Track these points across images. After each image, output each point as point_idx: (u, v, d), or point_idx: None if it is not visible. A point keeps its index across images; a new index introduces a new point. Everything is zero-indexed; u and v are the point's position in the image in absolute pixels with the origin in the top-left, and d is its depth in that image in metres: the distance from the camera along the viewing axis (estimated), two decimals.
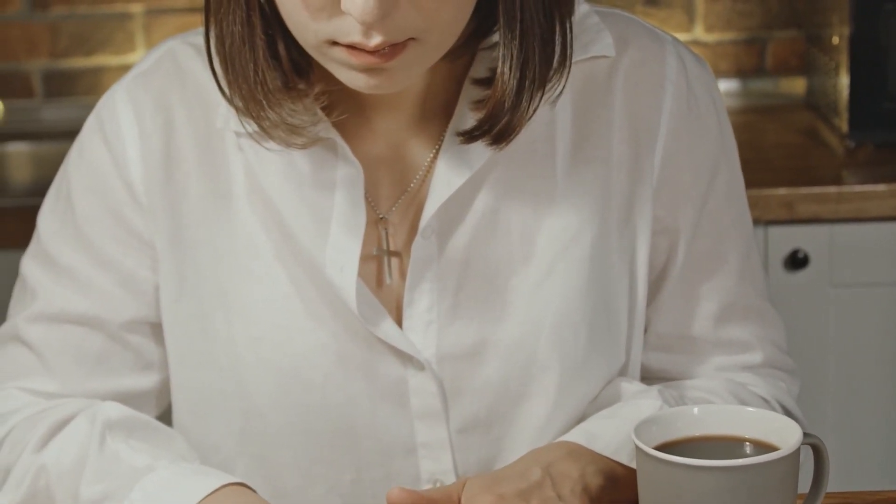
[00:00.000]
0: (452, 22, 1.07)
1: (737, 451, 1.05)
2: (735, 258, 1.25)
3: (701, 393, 1.22)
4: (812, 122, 2.55)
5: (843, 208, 2.17)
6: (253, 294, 1.19)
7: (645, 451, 1.02)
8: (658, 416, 1.06)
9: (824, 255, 2.19)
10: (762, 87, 2.74)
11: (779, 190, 2.17)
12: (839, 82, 2.37)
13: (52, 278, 1.23)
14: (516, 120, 1.12)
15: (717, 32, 2.73)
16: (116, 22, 2.75)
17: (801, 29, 2.71)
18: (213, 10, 1.11)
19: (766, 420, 1.05)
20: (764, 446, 1.04)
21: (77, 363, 1.22)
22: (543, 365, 1.19)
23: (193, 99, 1.21)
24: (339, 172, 1.17)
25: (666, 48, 1.23)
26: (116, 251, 1.22)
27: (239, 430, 1.21)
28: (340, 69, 1.08)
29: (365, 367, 1.18)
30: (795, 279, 2.20)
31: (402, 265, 1.20)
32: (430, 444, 1.20)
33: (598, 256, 1.20)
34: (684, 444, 1.05)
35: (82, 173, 1.23)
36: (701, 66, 1.25)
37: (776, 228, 2.19)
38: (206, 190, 1.21)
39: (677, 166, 1.22)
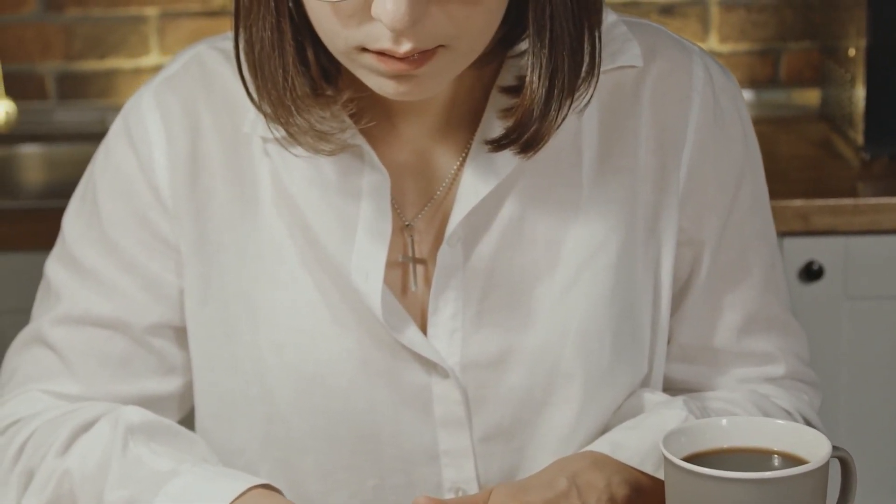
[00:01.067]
0: (482, 29, 1.07)
1: (765, 463, 1.04)
2: (759, 269, 1.25)
3: (723, 404, 1.22)
4: (826, 134, 2.55)
5: (858, 220, 2.17)
6: (278, 299, 1.19)
7: (673, 461, 1.01)
8: (686, 427, 1.06)
9: (839, 267, 2.19)
10: (776, 99, 2.74)
11: (794, 201, 2.16)
12: (855, 94, 2.37)
13: (76, 281, 1.23)
14: (545, 128, 1.12)
15: (731, 43, 2.72)
16: (130, 25, 2.75)
17: (815, 40, 2.71)
18: (242, 15, 1.11)
19: (795, 433, 1.05)
20: (792, 459, 1.04)
21: (101, 366, 1.22)
22: (568, 373, 1.19)
23: (220, 104, 1.21)
24: (366, 179, 1.17)
25: (693, 59, 1.23)
26: (141, 255, 1.22)
27: (262, 435, 1.21)
28: (369, 76, 1.08)
29: (389, 374, 1.18)
30: (810, 291, 2.19)
31: (428, 273, 1.19)
32: (452, 452, 1.20)
33: (623, 266, 1.20)
34: (712, 456, 1.04)
35: (108, 176, 1.23)
36: (727, 78, 1.25)
37: (791, 240, 2.18)
38: (233, 194, 1.21)
39: (703, 177, 1.22)
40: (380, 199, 1.17)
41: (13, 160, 2.67)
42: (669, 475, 1.03)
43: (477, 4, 1.04)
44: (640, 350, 1.22)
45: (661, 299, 1.23)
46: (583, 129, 1.19)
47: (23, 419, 1.21)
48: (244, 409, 1.21)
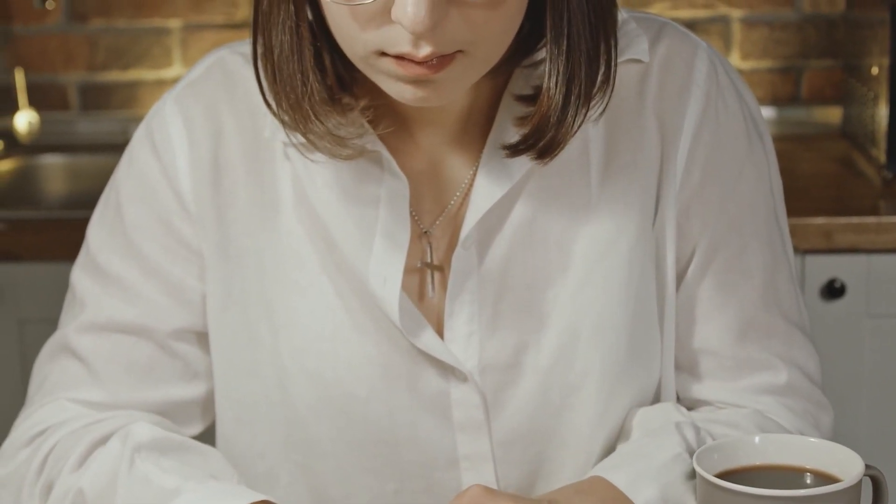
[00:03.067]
0: (500, 35, 1.07)
1: (797, 481, 1.04)
2: (760, 274, 1.23)
3: (724, 428, 1.20)
4: (847, 152, 2.55)
5: (880, 239, 2.16)
6: (298, 305, 1.20)
7: (707, 478, 1.01)
8: (719, 444, 1.06)
9: (861, 285, 2.19)
10: (797, 116, 2.74)
11: (816, 219, 2.16)
12: (877, 112, 2.37)
13: (100, 288, 1.23)
14: (561, 135, 1.12)
15: (753, 60, 2.73)
16: (154, 36, 2.76)
17: (837, 58, 2.71)
18: (262, 20, 1.12)
19: (828, 450, 1.05)
20: (824, 477, 1.04)
21: (126, 372, 1.23)
22: (584, 373, 1.19)
23: (243, 108, 1.22)
24: (385, 186, 1.18)
25: (698, 52, 1.22)
26: (165, 260, 1.22)
27: (283, 439, 1.21)
28: (387, 81, 1.08)
29: (408, 379, 1.19)
30: (832, 309, 2.19)
31: (444, 278, 1.20)
32: (472, 457, 1.20)
33: (634, 263, 1.20)
34: (745, 473, 1.04)
35: (132, 182, 1.24)
36: (736, 76, 1.24)
37: (813, 258, 2.18)
38: (254, 199, 1.21)
39: (697, 171, 1.21)
40: (398, 205, 1.18)
41: (36, 170, 2.69)
42: (703, 492, 1.03)
43: (496, 9, 1.04)
44: (653, 348, 1.22)
45: (666, 293, 1.22)
46: (589, 127, 1.19)
47: (49, 428, 1.21)
48: (265, 414, 1.21)
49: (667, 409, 1.19)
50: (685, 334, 1.24)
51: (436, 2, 1.00)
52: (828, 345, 2.20)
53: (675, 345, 1.24)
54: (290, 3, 1.09)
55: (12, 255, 2.25)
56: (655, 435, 1.15)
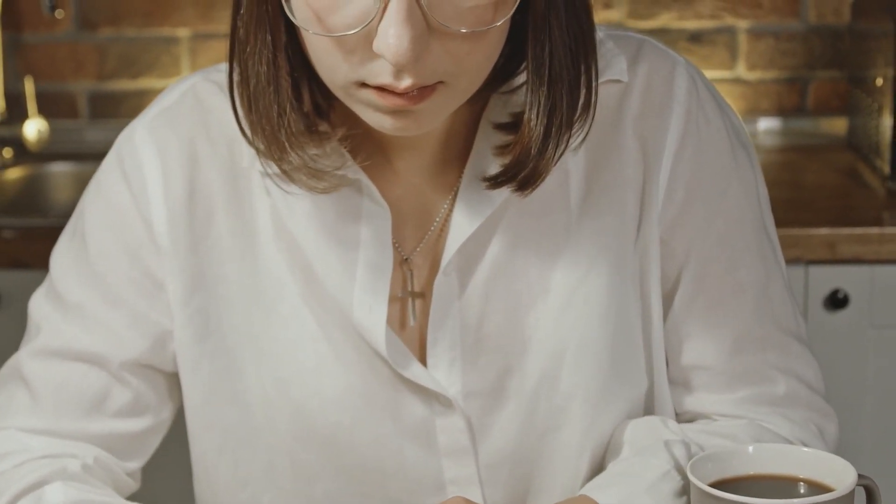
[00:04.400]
0: (481, 66, 1.07)
1: (791, 490, 1.05)
2: (752, 288, 1.23)
3: (720, 440, 1.20)
4: (853, 163, 2.56)
5: (884, 249, 2.17)
6: (280, 336, 1.19)
7: (701, 488, 1.02)
8: (713, 453, 1.07)
9: (865, 295, 2.19)
10: (803, 127, 2.74)
11: (820, 230, 2.17)
12: (882, 124, 2.37)
13: (60, 315, 1.22)
14: (542, 167, 1.12)
15: (759, 71, 2.74)
16: (163, 45, 2.77)
17: (843, 70, 2.72)
18: (238, 49, 1.10)
19: (821, 460, 1.06)
20: (818, 487, 1.04)
21: (74, 402, 1.22)
22: (568, 395, 1.19)
23: (218, 136, 1.21)
24: (366, 214, 1.17)
25: (677, 69, 1.22)
26: (128, 291, 1.21)
27: (266, 466, 1.20)
28: (367, 111, 1.07)
29: (391, 407, 1.19)
30: (835, 319, 2.20)
31: (425, 304, 1.20)
32: (459, 481, 1.20)
33: (615, 284, 1.20)
34: (739, 482, 1.05)
35: (99, 210, 1.22)
36: (715, 90, 1.24)
37: (817, 268, 2.19)
38: (233, 228, 1.20)
39: (682, 186, 1.21)
40: (380, 234, 1.17)
41: (45, 178, 2.70)
42: (697, 501, 1.04)
43: (478, 41, 1.03)
44: (637, 365, 1.22)
45: (652, 311, 1.22)
46: (571, 146, 1.18)
47: None
48: (246, 441, 1.20)
49: (655, 426, 1.19)
50: (679, 352, 1.24)
51: (418, 34, 0.99)
52: (831, 355, 2.20)
53: (669, 361, 1.25)
54: (267, 32, 1.07)
55: (21, 263, 2.26)
56: (644, 453, 1.15)
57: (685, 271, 1.22)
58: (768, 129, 2.74)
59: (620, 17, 2.72)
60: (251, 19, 1.08)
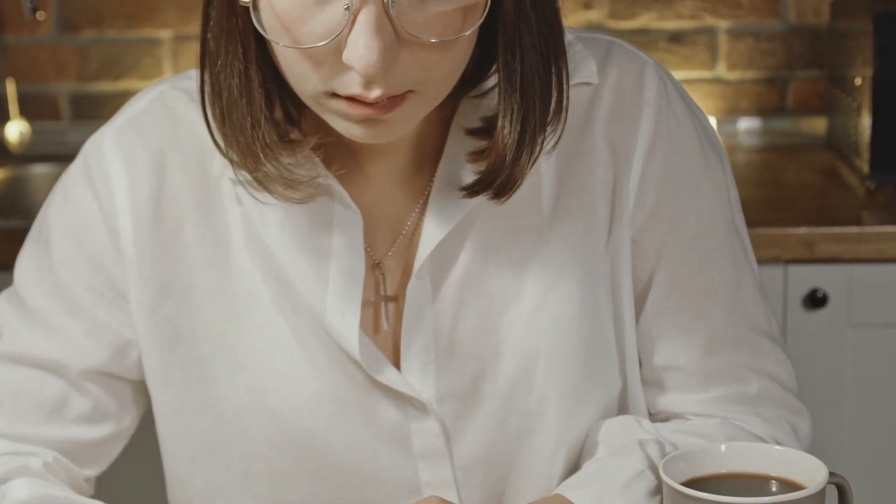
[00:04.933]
0: (450, 74, 1.07)
1: (763, 489, 1.06)
2: (724, 289, 1.23)
3: (693, 439, 1.21)
4: (832, 163, 2.57)
5: (862, 249, 2.18)
6: (254, 343, 1.19)
7: (673, 486, 1.03)
8: (686, 452, 1.07)
9: (843, 294, 2.20)
10: (783, 127, 2.76)
11: (799, 229, 2.18)
12: (861, 123, 2.38)
13: (21, 320, 1.22)
14: (517, 173, 1.12)
15: (739, 71, 2.75)
16: (145, 47, 2.77)
17: (822, 69, 2.73)
18: (209, 61, 1.10)
19: (793, 458, 1.06)
20: (790, 485, 1.05)
21: (33, 407, 1.22)
22: (542, 397, 1.19)
23: (187, 145, 1.20)
24: (337, 219, 1.17)
25: (646, 71, 1.22)
26: (89, 300, 1.21)
27: (241, 473, 1.20)
28: (337, 120, 1.07)
29: (366, 411, 1.19)
30: (814, 318, 2.21)
31: (398, 309, 1.20)
32: (434, 484, 1.20)
33: (587, 285, 1.20)
34: (711, 481, 1.06)
35: (65, 218, 1.22)
36: (684, 91, 1.25)
37: (796, 267, 2.20)
38: (203, 237, 1.20)
39: (653, 188, 1.21)
40: (352, 238, 1.17)
41: (27, 180, 2.70)
42: (669, 500, 1.04)
43: (447, 51, 1.04)
44: (610, 366, 1.22)
45: (624, 312, 1.22)
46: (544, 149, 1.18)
47: None
48: (220, 449, 1.20)
49: (629, 425, 1.20)
50: (652, 352, 1.24)
51: (387, 45, 1.00)
52: (810, 354, 2.21)
53: (642, 362, 1.25)
54: (237, 44, 1.07)
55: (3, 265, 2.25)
56: (618, 453, 1.16)
57: (657, 272, 1.23)
58: (748, 129, 2.75)
59: (601, 18, 2.73)
60: (221, 32, 1.08)
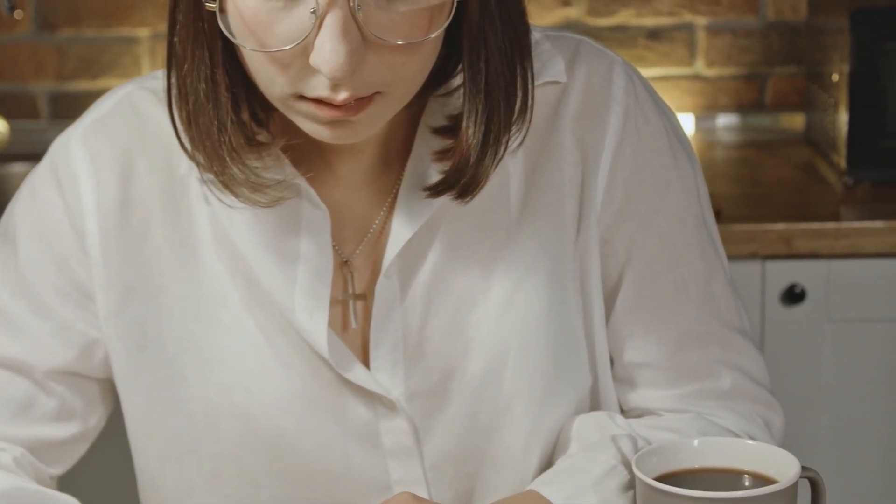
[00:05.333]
0: (417, 75, 1.07)
1: (736, 483, 1.06)
2: (694, 285, 1.23)
3: (666, 434, 1.21)
4: (810, 159, 2.57)
5: (840, 244, 2.18)
6: (223, 343, 1.19)
7: (646, 481, 1.03)
8: (658, 447, 1.07)
9: (821, 290, 2.21)
10: (761, 123, 2.76)
11: (777, 225, 2.18)
12: (838, 119, 2.39)
13: None
14: (481, 173, 1.12)
15: (717, 67, 2.75)
16: (123, 45, 2.77)
17: (800, 66, 2.74)
18: (175, 64, 1.10)
19: (766, 453, 1.07)
20: (763, 479, 1.05)
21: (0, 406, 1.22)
22: (511, 395, 1.19)
23: (154, 145, 1.20)
24: (305, 217, 1.17)
25: (615, 69, 1.22)
26: (55, 300, 1.21)
27: (210, 473, 1.21)
28: (305, 121, 1.08)
29: (335, 410, 1.19)
30: (792, 314, 2.21)
31: (367, 307, 1.20)
32: (404, 482, 1.20)
33: (555, 282, 1.21)
34: (684, 476, 1.06)
35: (32, 218, 1.22)
36: (652, 89, 1.25)
37: (773, 263, 2.20)
38: (170, 237, 1.20)
39: (621, 185, 1.21)
40: (320, 236, 1.17)
41: (5, 179, 2.69)
42: (642, 495, 1.05)
43: (413, 53, 1.04)
44: (580, 363, 1.23)
45: (593, 309, 1.23)
46: (508, 149, 1.19)
47: None
48: (189, 450, 1.21)
49: (602, 421, 1.20)
50: (623, 349, 1.24)
51: (354, 48, 1.00)
52: (788, 350, 2.22)
53: (614, 359, 1.25)
54: (204, 49, 1.07)
55: None
56: (591, 449, 1.16)
57: (627, 269, 1.23)
58: (727, 126, 2.75)
59: (579, 15, 2.73)
60: (187, 36, 1.08)
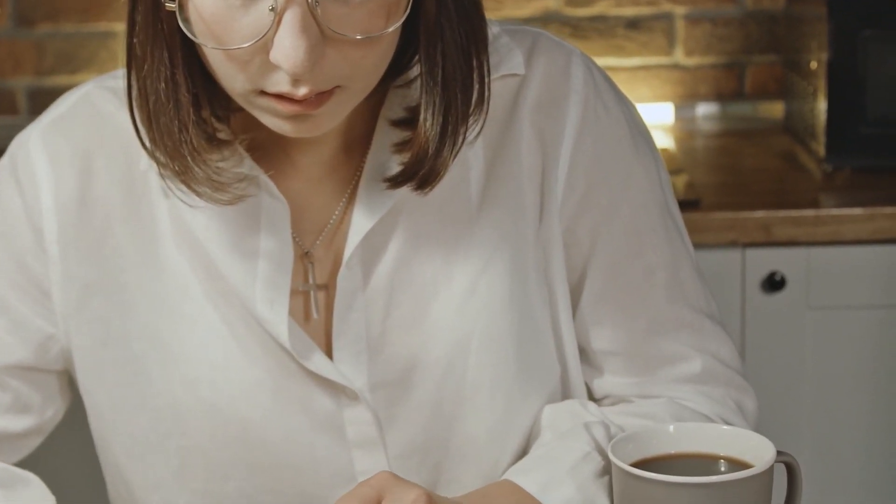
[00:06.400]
0: (376, 67, 1.09)
1: (711, 468, 1.07)
2: (661, 271, 1.24)
3: (639, 420, 1.21)
4: (790, 147, 2.58)
5: (820, 231, 2.19)
6: (187, 336, 1.20)
7: (622, 468, 1.03)
8: (634, 433, 1.08)
9: (801, 277, 2.21)
10: (741, 111, 2.76)
11: (756, 213, 2.19)
12: (817, 107, 2.39)
13: None
14: (439, 164, 1.13)
15: (696, 56, 2.75)
16: (101, 40, 2.76)
17: (779, 54, 2.74)
18: (135, 65, 1.10)
19: (741, 438, 1.07)
20: (738, 464, 1.06)
21: None
22: (475, 384, 1.20)
23: (113, 143, 1.21)
24: (265, 209, 1.18)
25: (573, 60, 1.23)
26: (12, 296, 1.22)
27: (177, 468, 1.21)
28: (267, 116, 1.09)
29: (300, 401, 1.19)
30: (773, 301, 2.22)
31: (329, 298, 1.20)
32: (369, 473, 1.19)
33: (517, 271, 1.21)
34: (660, 462, 1.07)
35: None
36: (611, 80, 1.26)
37: (754, 251, 2.21)
38: (132, 234, 1.20)
39: (582, 175, 1.22)
40: (279, 228, 1.18)
41: None
42: (618, 481, 1.05)
43: (372, 46, 1.05)
44: (546, 352, 1.23)
45: (558, 298, 1.23)
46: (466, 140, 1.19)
47: None
48: (156, 446, 1.21)
49: (575, 409, 1.21)
50: (593, 338, 1.25)
51: (313, 44, 1.01)
52: (769, 337, 2.22)
53: (585, 348, 1.26)
54: (164, 49, 1.08)
55: None
56: (565, 437, 1.16)
57: (593, 259, 1.23)
58: (707, 115, 2.76)
59: (557, 6, 2.73)
60: (147, 37, 1.08)
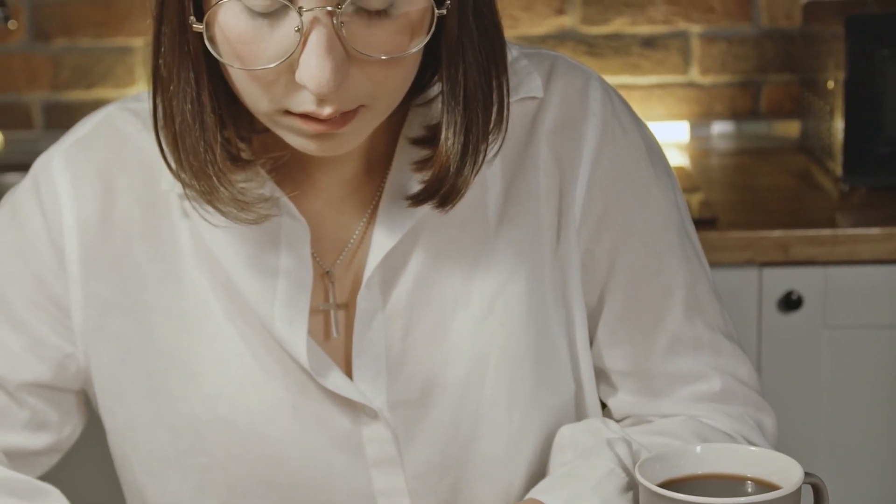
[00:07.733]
0: (400, 87, 1.09)
1: (739, 489, 1.06)
2: (680, 290, 1.25)
3: (660, 438, 1.21)
4: (806, 166, 2.58)
5: (837, 251, 2.19)
6: (206, 354, 1.20)
7: (649, 488, 1.03)
8: (661, 454, 1.07)
9: (818, 296, 2.21)
10: (756, 130, 2.76)
11: (773, 232, 2.19)
12: (833, 126, 2.39)
13: None
14: (461, 182, 1.14)
15: (712, 75, 2.75)
16: (117, 55, 2.77)
17: (795, 73, 2.74)
18: (161, 87, 1.11)
19: (768, 459, 1.07)
20: (765, 485, 1.05)
21: None
22: (492, 402, 1.20)
23: (134, 165, 1.22)
24: (285, 229, 1.18)
25: (591, 83, 1.24)
26: (31, 315, 1.22)
27: (196, 485, 1.21)
28: (291, 136, 1.10)
29: (319, 419, 1.19)
30: (789, 320, 2.21)
31: (349, 317, 1.21)
32: (387, 492, 1.21)
33: (534, 291, 1.22)
34: (687, 482, 1.06)
35: (12, 233, 1.23)
36: (628, 104, 1.27)
37: (770, 270, 2.20)
38: (152, 254, 1.21)
39: (600, 195, 1.23)
40: (299, 247, 1.18)
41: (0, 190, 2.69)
42: (645, 501, 1.04)
43: (395, 66, 1.06)
44: (562, 371, 1.23)
45: (575, 318, 1.24)
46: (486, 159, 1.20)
47: None
48: (175, 462, 1.21)
49: (596, 427, 1.20)
50: (611, 357, 1.26)
51: (338, 64, 1.02)
52: (786, 357, 2.22)
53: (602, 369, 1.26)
54: (190, 70, 1.09)
55: None
56: (588, 455, 1.16)
57: (611, 279, 1.24)
58: (722, 133, 2.75)
59: (573, 24, 2.73)
60: (173, 59, 1.09)
